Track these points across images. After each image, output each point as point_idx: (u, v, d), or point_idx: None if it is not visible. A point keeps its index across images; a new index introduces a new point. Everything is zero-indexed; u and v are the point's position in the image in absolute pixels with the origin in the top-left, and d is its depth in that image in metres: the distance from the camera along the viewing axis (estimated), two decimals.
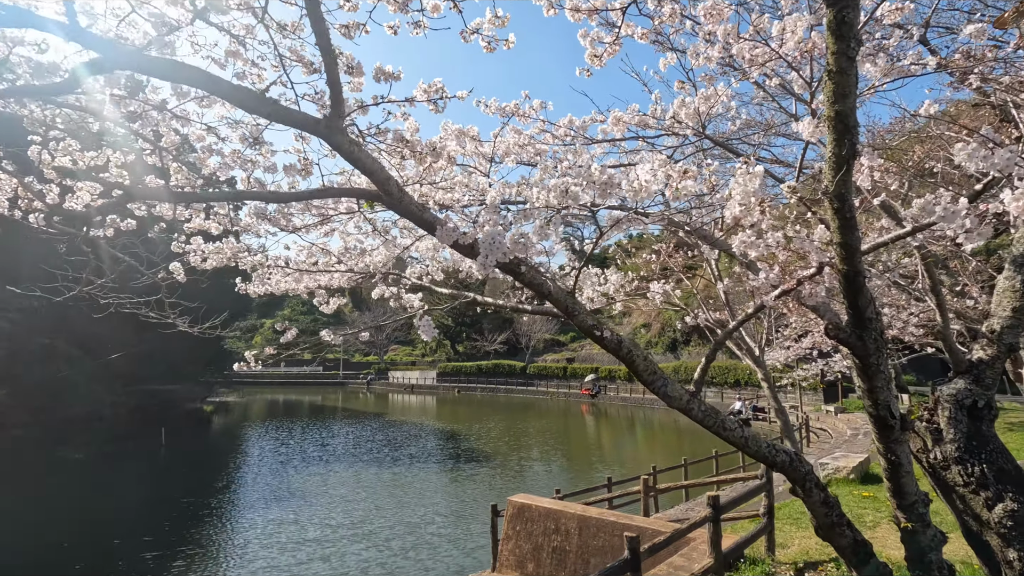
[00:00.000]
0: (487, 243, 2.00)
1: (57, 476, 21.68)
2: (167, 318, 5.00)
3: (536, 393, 56.35)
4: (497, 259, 2.05)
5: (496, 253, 2.01)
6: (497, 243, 2.00)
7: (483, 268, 2.01)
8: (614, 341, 3.75)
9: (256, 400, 57.91)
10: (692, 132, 3.85)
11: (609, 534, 7.14)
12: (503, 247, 2.02)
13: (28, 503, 17.28)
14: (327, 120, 2.69)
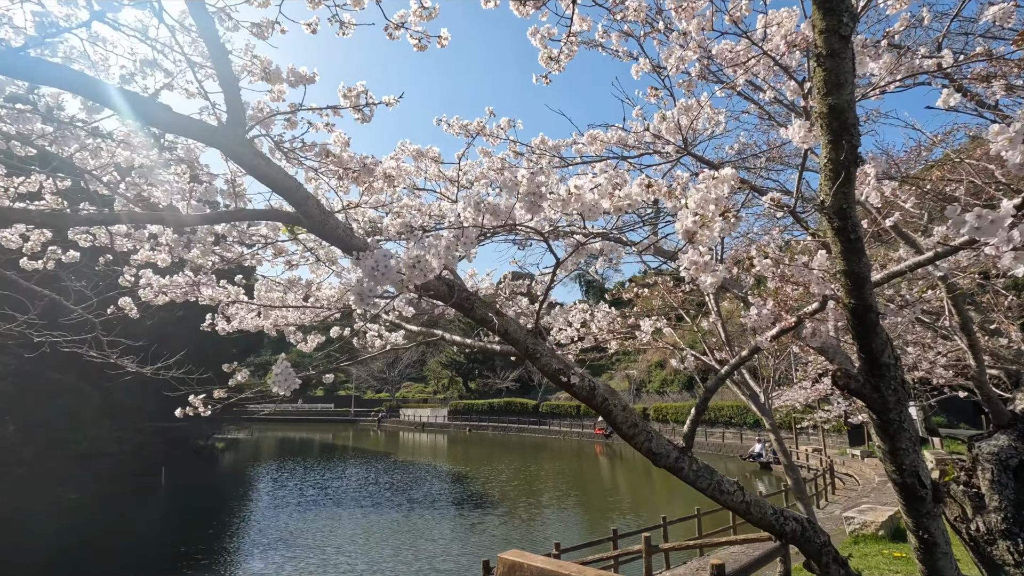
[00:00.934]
0: (369, 268, 1.53)
1: (56, 520, 21.17)
2: (109, 357, 4.58)
3: (549, 432, 54.87)
4: (393, 285, 1.57)
5: (383, 281, 1.54)
6: (382, 268, 1.53)
7: (360, 300, 1.54)
8: (586, 388, 3.21)
9: (267, 438, 57.27)
10: (674, 149, 3.40)
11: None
12: (391, 273, 1.54)
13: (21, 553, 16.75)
14: (223, 128, 2.28)
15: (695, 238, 1.42)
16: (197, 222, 2.77)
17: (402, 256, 1.56)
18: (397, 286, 1.59)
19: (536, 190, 1.71)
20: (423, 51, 2.48)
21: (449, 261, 1.70)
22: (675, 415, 45.24)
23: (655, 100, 3.23)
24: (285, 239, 3.84)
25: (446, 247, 1.68)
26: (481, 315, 2.92)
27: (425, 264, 1.56)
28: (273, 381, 1.98)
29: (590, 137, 3.82)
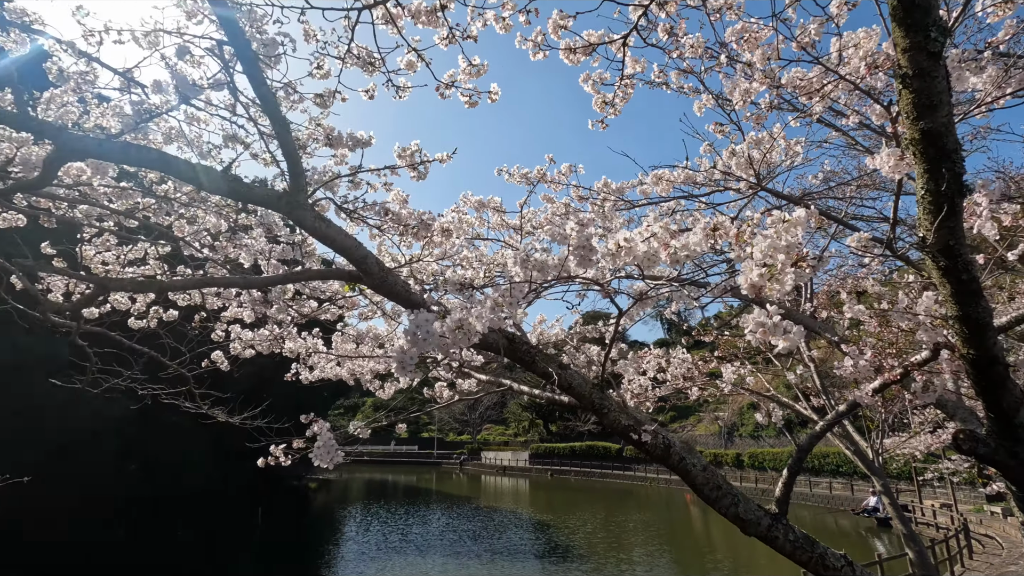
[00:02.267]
0: (413, 334, 1.47)
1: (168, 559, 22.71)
2: (201, 408, 4.89)
3: (634, 479, 52.28)
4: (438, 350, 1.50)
5: (425, 346, 1.47)
6: (423, 332, 1.46)
7: (401, 368, 1.48)
8: (659, 447, 2.97)
9: (355, 479, 58.88)
10: (747, 185, 3.17)
11: None
12: (433, 337, 1.48)
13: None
14: (287, 195, 2.39)
15: (762, 293, 1.25)
16: (263, 284, 2.91)
17: (447, 319, 1.50)
18: (441, 350, 1.52)
19: (586, 244, 1.60)
20: (474, 107, 2.50)
21: (494, 322, 1.62)
22: (772, 462, 41.66)
23: (722, 136, 3.05)
24: (354, 295, 3.96)
25: (491, 307, 1.60)
26: (542, 369, 2.81)
27: (469, 327, 1.49)
28: (314, 455, 1.96)
29: (655, 177, 3.67)
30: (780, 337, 1.23)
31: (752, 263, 1.25)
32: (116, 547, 23.25)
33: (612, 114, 2.80)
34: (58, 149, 2.30)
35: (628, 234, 1.55)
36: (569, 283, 2.27)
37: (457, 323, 1.47)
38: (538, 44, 2.52)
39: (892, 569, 13.60)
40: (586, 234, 1.62)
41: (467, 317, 1.48)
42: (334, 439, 2.01)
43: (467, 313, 1.54)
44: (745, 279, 1.25)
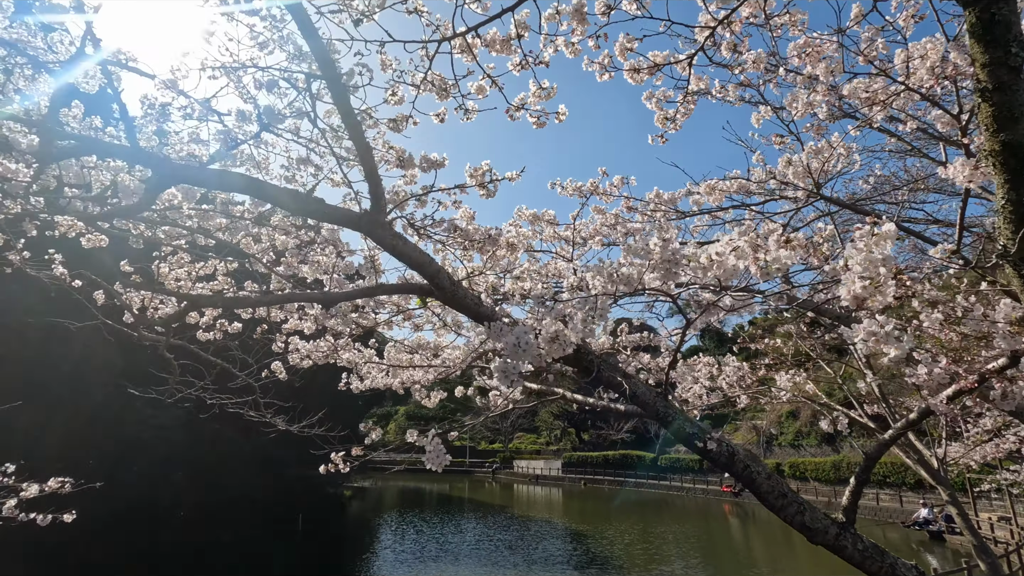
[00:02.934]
0: (512, 345, 1.57)
1: (213, 563, 23.38)
2: (264, 417, 5.11)
3: (669, 488, 51.38)
4: (532, 362, 1.60)
5: (524, 356, 1.57)
6: (523, 344, 1.56)
7: (505, 377, 1.58)
8: (724, 455, 3.01)
9: (389, 487, 59.45)
10: (805, 193, 3.19)
11: None
12: (532, 349, 1.58)
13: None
14: (368, 215, 2.54)
15: (865, 305, 1.30)
16: (342, 299, 3.06)
17: (542, 331, 1.59)
18: (535, 360, 1.61)
19: (672, 258, 1.68)
20: (541, 127, 2.61)
21: (586, 333, 1.70)
22: (815, 472, 40.39)
23: (781, 146, 3.08)
24: (413, 307, 4.11)
25: (583, 320, 1.69)
26: (608, 378, 2.88)
27: (564, 338, 1.58)
28: (427, 459, 2.07)
29: (708, 187, 3.72)
30: (894, 346, 1.28)
31: (853, 276, 1.30)
32: (162, 551, 24.05)
33: (672, 129, 2.88)
34: (162, 177, 2.50)
35: (720, 248, 1.62)
36: (637, 295, 2.35)
37: (554, 335, 1.57)
38: (604, 66, 2.62)
39: None
40: (672, 248, 1.70)
41: (563, 329, 1.58)
42: (443, 445, 2.12)
43: (557, 324, 1.63)
44: (847, 291, 1.31)
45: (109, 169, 3.16)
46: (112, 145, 2.40)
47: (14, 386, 18.69)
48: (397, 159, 2.85)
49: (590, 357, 2.87)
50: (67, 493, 5.96)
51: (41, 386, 22.70)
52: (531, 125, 2.81)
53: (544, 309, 2.00)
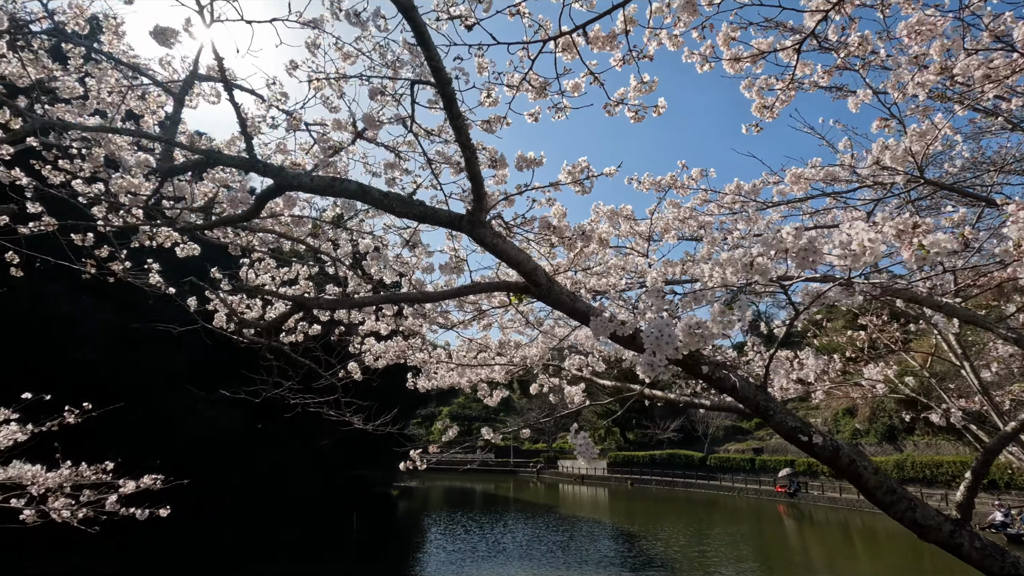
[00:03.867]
0: (653, 337, 1.59)
1: (272, 553, 24.27)
2: (343, 416, 5.28)
3: (719, 488, 50.16)
4: (668, 355, 1.62)
5: (666, 349, 1.58)
6: (666, 336, 1.58)
7: (651, 369, 1.59)
8: (828, 449, 2.93)
9: (435, 486, 60.27)
10: (905, 179, 3.08)
11: None
12: (673, 341, 1.59)
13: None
14: (469, 215, 2.60)
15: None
16: (440, 298, 3.14)
17: (681, 323, 1.60)
18: (671, 354, 1.62)
19: (809, 247, 1.65)
20: (639, 121, 2.61)
21: (725, 326, 1.70)
22: None
23: (888, 131, 2.99)
24: (491, 306, 4.17)
25: (720, 312, 1.68)
26: (709, 373, 2.85)
27: (705, 330, 1.58)
28: (577, 451, 2.12)
29: (793, 176, 3.63)
30: None
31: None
32: (224, 550, 25.11)
33: (769, 117, 2.83)
34: (277, 185, 2.63)
35: (872, 235, 1.58)
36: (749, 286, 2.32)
37: (695, 325, 1.58)
38: (706, 56, 2.61)
39: None
40: (809, 236, 1.68)
41: (704, 320, 1.58)
42: (590, 440, 2.16)
43: (701, 314, 1.63)
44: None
45: (214, 181, 3.34)
46: (235, 157, 2.54)
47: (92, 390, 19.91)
48: (490, 160, 2.91)
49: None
50: (158, 489, 6.32)
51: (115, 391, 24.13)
52: (609, 120, 2.83)
53: (661, 301, 2.00)
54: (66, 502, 5.30)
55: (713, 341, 1.61)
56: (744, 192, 3.92)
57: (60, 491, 5.53)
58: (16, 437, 5.07)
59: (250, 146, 2.52)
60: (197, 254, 4.65)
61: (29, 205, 4.49)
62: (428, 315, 4.19)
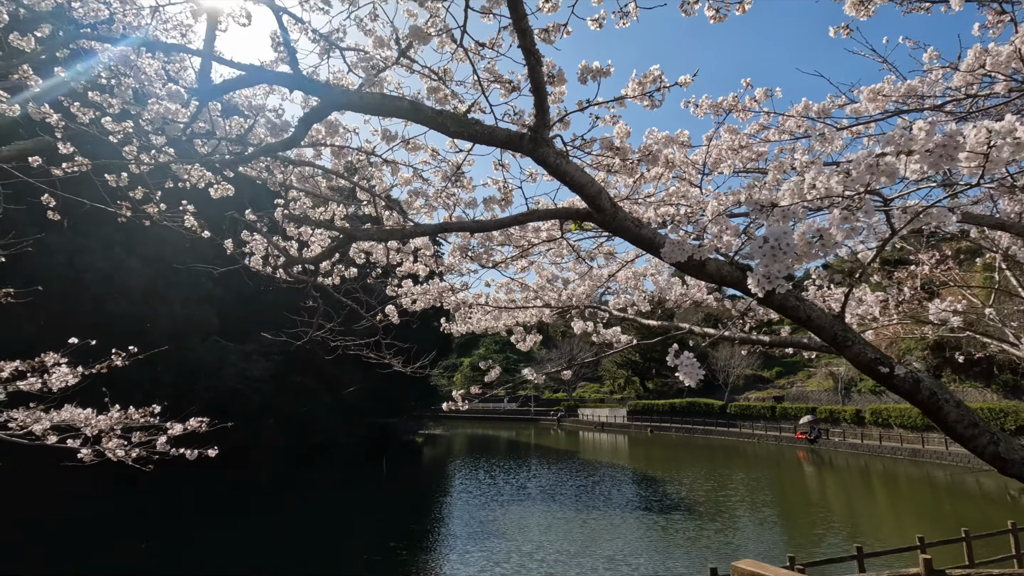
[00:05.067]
0: (769, 247, 1.42)
1: (307, 493, 25.47)
2: (384, 358, 5.27)
3: (740, 436, 50.80)
4: (786, 266, 1.45)
5: (783, 259, 1.41)
6: (783, 245, 1.40)
7: (768, 282, 1.43)
8: (908, 382, 2.78)
9: (458, 434, 62.17)
10: (1007, 86, 2.77)
11: None
12: (791, 250, 1.42)
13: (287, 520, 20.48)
14: (532, 132, 2.40)
15: None
16: (495, 227, 2.99)
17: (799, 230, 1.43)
18: (788, 265, 1.45)
19: (950, 142, 1.44)
20: (720, 21, 2.34)
21: (849, 233, 1.52)
22: (900, 419, 38.65)
23: (993, 34, 2.66)
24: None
25: (843, 217, 1.50)
26: (780, 302, 2.68)
27: (828, 238, 1.41)
28: (681, 373, 2.00)
29: (871, 93, 3.33)
30: None
31: None
32: (263, 490, 26.40)
33: (864, 15, 2.53)
34: (322, 104, 2.45)
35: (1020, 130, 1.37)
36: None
37: (818, 233, 1.40)
38: None
39: None
40: (951, 129, 1.46)
41: (828, 228, 1.40)
42: (695, 359, 2.03)
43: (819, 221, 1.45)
44: None
45: (250, 111, 3.16)
46: (279, 74, 2.36)
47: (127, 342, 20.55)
48: (547, 75, 2.67)
49: None
50: (203, 432, 6.48)
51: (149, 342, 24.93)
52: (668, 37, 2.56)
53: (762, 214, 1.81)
54: (119, 442, 5.45)
55: (836, 251, 1.44)
56: (813, 112, 3.62)
57: (112, 433, 5.70)
58: (67, 380, 5.17)
59: (294, 59, 2.33)
60: (231, 195, 4.54)
61: (60, 146, 4.39)
62: (474, 251, 4.05)
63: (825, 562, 9.02)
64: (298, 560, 14.84)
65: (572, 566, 13.91)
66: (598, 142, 2.83)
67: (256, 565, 14.37)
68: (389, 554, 15.37)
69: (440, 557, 15.15)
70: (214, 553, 15.22)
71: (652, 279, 5.19)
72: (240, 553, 15.42)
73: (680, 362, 1.96)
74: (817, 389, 52.85)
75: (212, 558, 14.72)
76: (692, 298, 5.02)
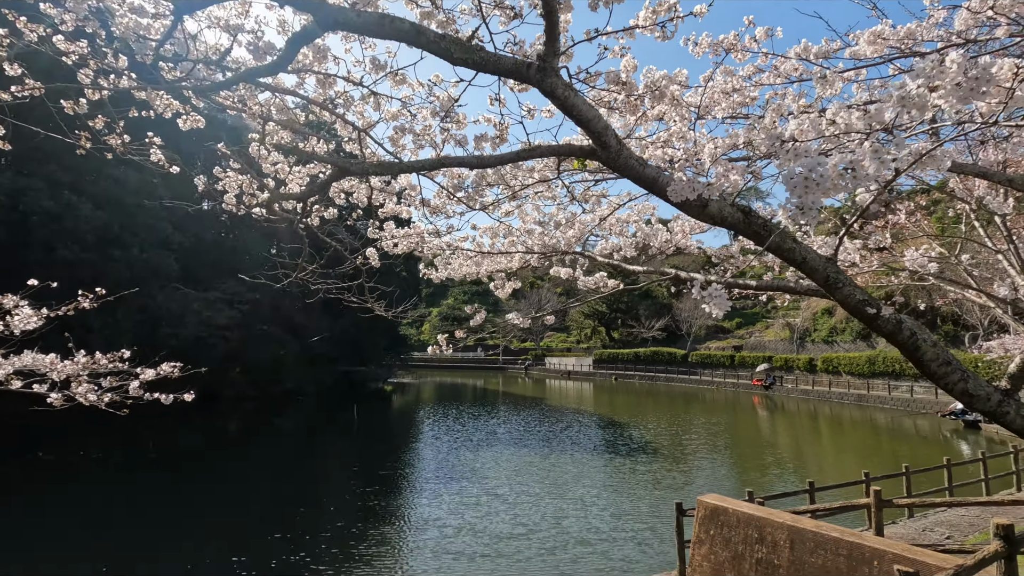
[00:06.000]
0: (802, 178, 1.40)
1: (277, 440, 25.59)
2: (367, 302, 5.18)
3: (700, 383, 53.10)
4: (817, 199, 1.44)
5: (816, 191, 1.40)
6: (816, 176, 1.39)
7: (802, 215, 1.42)
8: (891, 323, 2.88)
9: (427, 382, 62.93)
10: (1007, 31, 2.78)
11: (831, 552, 6.02)
12: (824, 182, 1.40)
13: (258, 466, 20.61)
14: (541, 60, 2.29)
15: None
16: (496, 163, 2.89)
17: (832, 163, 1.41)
18: (820, 197, 1.45)
19: (983, 75, 1.43)
20: None
21: (878, 167, 1.51)
22: (848, 366, 40.91)
23: None
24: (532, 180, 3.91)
25: (875, 150, 1.49)
26: (778, 244, 2.71)
27: (860, 170, 1.40)
28: (708, 302, 2.00)
29: (872, 36, 3.29)
30: None
31: None
32: (231, 436, 26.38)
33: None
34: (315, 23, 2.27)
35: None
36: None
37: (850, 164, 1.39)
38: None
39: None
40: (983, 63, 1.45)
41: (861, 159, 1.39)
42: (723, 290, 2.04)
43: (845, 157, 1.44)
44: None
45: (228, 30, 2.92)
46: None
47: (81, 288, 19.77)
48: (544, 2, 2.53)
49: (760, 220, 2.70)
50: (174, 378, 6.35)
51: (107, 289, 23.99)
52: None
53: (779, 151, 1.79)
54: (89, 387, 5.29)
55: (868, 184, 1.44)
56: (812, 55, 3.57)
57: (79, 378, 5.51)
58: (30, 323, 4.93)
59: None
60: (202, 127, 4.26)
61: (7, 67, 4.00)
62: (466, 191, 3.94)
63: (780, 495, 9.68)
64: (265, 508, 15.05)
65: (541, 507, 14.50)
66: (603, 76, 2.73)
67: (224, 514, 14.48)
68: (358, 499, 15.68)
69: (410, 501, 15.54)
70: (184, 505, 15.25)
71: (636, 225, 5.19)
72: (210, 504, 15.51)
73: (708, 294, 1.98)
74: (774, 339, 55.23)
75: (183, 509, 14.76)
76: (676, 244, 5.06)
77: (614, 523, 13.18)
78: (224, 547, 11.66)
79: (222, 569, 10.63)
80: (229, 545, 11.77)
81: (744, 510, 7.12)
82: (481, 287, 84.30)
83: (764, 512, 7.05)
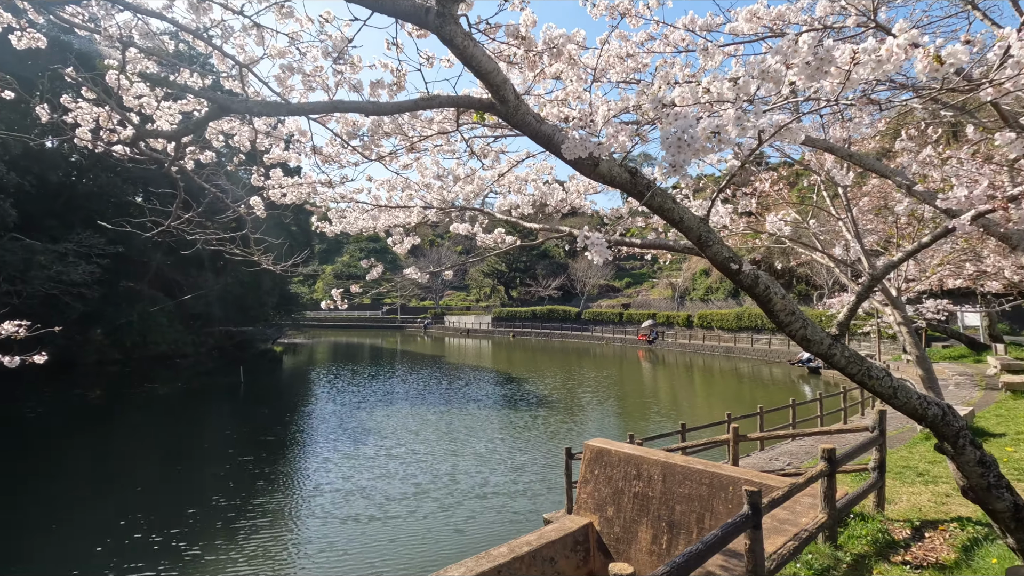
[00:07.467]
0: (675, 137, 1.54)
1: (149, 407, 23.56)
2: (252, 255, 4.86)
3: (591, 339, 56.29)
4: (688, 157, 1.59)
5: (687, 151, 1.55)
6: (688, 136, 1.53)
7: (673, 170, 1.57)
8: (750, 277, 3.27)
9: (321, 342, 60.64)
10: (856, 21, 3.15)
11: (696, 482, 6.85)
12: (695, 142, 1.55)
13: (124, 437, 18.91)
14: (439, 5, 2.24)
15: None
16: (393, 110, 2.79)
17: (702, 126, 1.56)
18: (691, 156, 1.60)
19: (826, 56, 1.63)
20: None
21: (740, 132, 1.69)
22: (720, 322, 45.41)
23: None
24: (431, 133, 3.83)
25: (738, 117, 1.66)
26: (659, 204, 2.94)
27: (725, 135, 1.56)
28: (591, 249, 2.09)
29: (748, 14, 3.57)
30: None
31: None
32: (96, 407, 23.85)
33: None
34: None
35: (889, 45, 1.59)
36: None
37: (716, 128, 1.55)
38: None
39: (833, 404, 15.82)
40: (827, 46, 1.65)
41: (725, 124, 1.55)
42: (604, 238, 2.13)
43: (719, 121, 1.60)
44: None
45: None
46: None
47: None
48: None
49: (645, 181, 2.89)
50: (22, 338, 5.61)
51: None
52: None
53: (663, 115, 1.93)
54: None
55: (731, 146, 1.61)
56: (697, 27, 3.80)
57: None
58: None
59: None
60: (43, 47, 3.68)
61: None
62: (361, 140, 3.77)
63: (657, 437, 10.73)
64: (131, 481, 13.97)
65: (438, 466, 14.79)
66: (503, 28, 2.72)
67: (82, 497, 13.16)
68: (243, 467, 14.99)
69: (301, 467, 15.06)
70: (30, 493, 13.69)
71: (533, 184, 5.31)
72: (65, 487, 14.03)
73: (591, 241, 2.12)
74: (658, 297, 59.55)
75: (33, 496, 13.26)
76: (571, 204, 5.26)
77: (511, 476, 13.81)
78: (80, 535, 10.55)
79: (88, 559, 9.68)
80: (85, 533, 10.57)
81: (625, 451, 7.83)
82: (379, 244, 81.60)
83: (642, 451, 7.80)
